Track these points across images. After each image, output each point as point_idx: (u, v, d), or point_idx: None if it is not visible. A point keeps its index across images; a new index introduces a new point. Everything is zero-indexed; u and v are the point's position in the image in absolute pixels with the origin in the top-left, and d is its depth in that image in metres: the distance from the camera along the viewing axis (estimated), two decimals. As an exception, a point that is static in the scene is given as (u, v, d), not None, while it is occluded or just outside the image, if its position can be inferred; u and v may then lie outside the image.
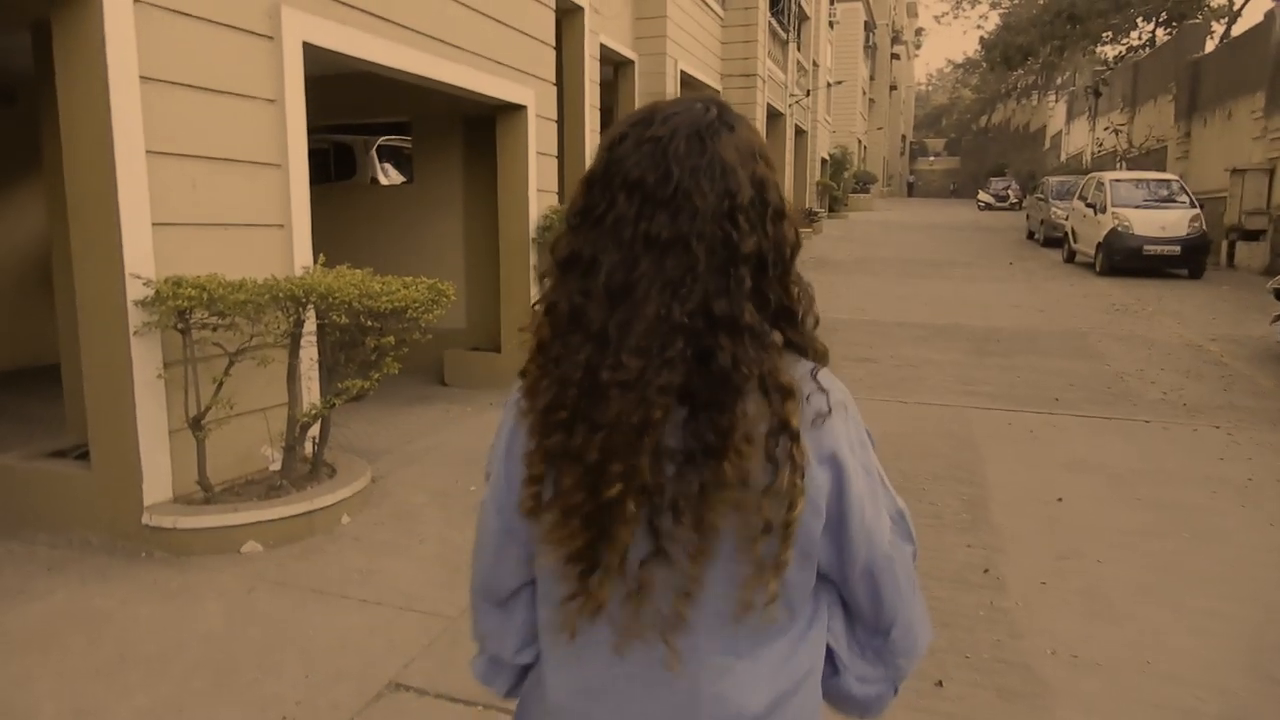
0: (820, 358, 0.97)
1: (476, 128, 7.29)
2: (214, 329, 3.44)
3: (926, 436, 5.53)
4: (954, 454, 5.19)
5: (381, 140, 9.26)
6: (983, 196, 39.94)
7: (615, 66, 13.45)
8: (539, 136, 6.89)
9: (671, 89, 13.70)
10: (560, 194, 7.44)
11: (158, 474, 3.66)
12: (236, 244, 3.96)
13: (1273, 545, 3.88)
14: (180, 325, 3.39)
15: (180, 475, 3.72)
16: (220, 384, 3.50)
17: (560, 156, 11.03)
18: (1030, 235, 22.25)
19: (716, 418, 0.86)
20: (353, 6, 4.71)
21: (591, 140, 10.87)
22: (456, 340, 7.41)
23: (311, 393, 4.12)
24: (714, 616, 0.93)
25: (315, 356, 3.90)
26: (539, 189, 6.93)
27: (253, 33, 4.05)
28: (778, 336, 0.93)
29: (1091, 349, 8.50)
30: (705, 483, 0.86)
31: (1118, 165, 25.24)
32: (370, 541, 3.81)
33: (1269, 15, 16.47)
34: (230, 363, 3.52)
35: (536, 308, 0.94)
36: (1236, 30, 22.28)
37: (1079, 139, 36.79)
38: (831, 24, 30.18)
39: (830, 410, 0.92)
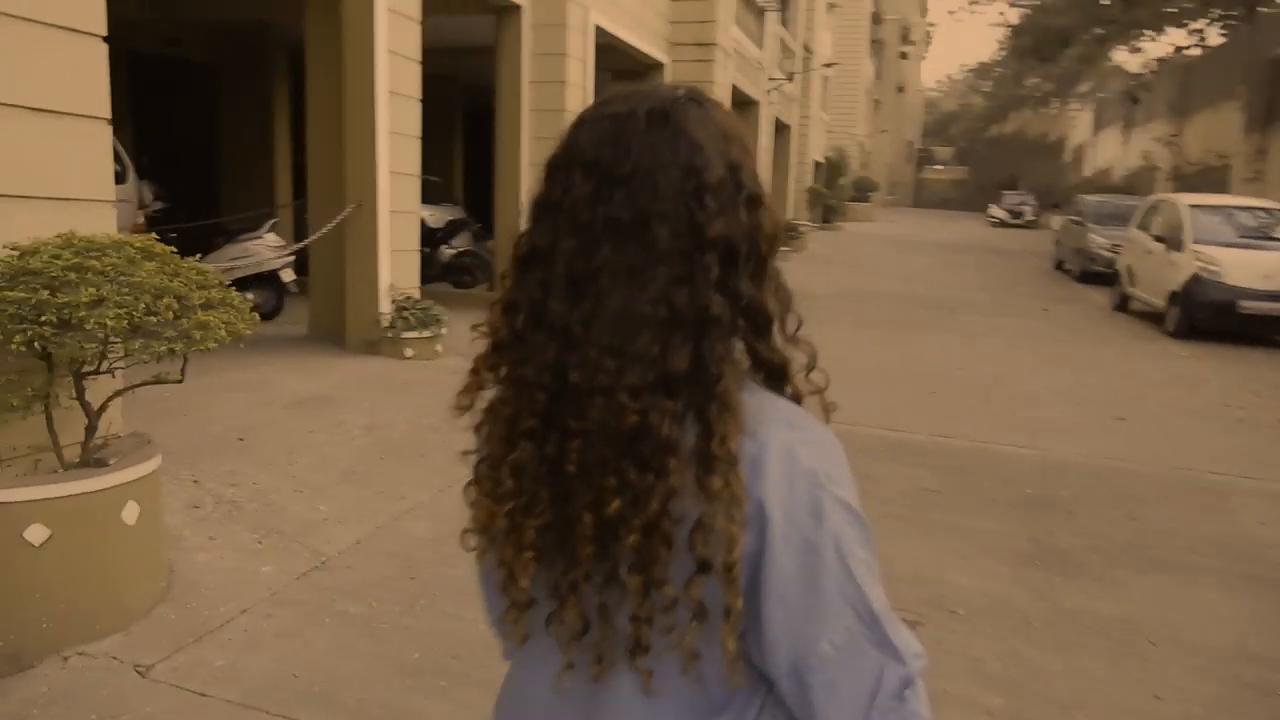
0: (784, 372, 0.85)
1: None
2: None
3: None
4: None
5: None
6: (995, 211, 35.94)
7: (497, 14, 9.34)
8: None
9: (579, 48, 9.59)
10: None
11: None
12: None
13: None
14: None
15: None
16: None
17: (334, 129, 6.93)
18: (1059, 265, 18.20)
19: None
20: None
21: (393, 106, 6.74)
22: None
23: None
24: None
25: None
26: None
27: None
28: (741, 346, 0.82)
29: (1243, 535, 4.43)
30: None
31: (1162, 184, 21.23)
32: None
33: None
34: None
35: (494, 307, 0.87)
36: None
37: (1108, 151, 32.69)
38: (830, 5, 26.07)
39: (768, 450, 0.79)
